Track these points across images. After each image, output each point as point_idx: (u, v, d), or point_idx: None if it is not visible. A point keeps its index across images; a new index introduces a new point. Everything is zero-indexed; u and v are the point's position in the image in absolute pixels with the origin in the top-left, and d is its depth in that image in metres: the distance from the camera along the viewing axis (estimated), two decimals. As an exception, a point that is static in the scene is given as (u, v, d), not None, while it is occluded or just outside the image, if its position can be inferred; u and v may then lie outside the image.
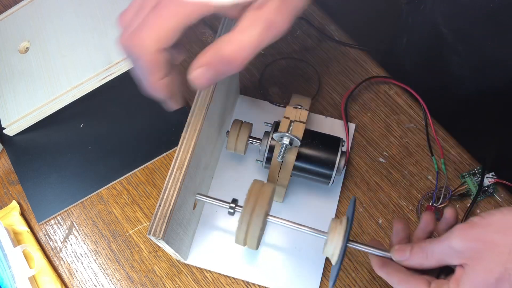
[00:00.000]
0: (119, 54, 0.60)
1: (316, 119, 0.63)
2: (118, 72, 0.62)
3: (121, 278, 0.56)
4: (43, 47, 0.65)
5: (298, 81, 0.66)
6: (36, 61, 0.64)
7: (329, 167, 0.53)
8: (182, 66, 0.42)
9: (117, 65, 0.61)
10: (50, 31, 0.65)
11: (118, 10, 0.63)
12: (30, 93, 0.63)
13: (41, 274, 0.55)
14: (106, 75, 0.61)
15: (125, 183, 0.61)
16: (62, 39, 0.64)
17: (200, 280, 0.56)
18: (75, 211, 0.60)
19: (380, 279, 0.55)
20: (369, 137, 0.62)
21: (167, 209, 0.44)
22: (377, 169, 0.60)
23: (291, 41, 0.69)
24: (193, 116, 0.47)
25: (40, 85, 0.63)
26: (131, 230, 0.59)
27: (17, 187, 0.61)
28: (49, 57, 0.64)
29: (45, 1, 0.67)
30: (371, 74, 0.66)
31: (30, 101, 0.62)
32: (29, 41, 0.65)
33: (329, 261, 0.46)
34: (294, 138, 0.51)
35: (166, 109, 0.41)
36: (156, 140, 0.62)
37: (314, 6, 0.71)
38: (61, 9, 0.66)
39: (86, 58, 0.62)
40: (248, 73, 0.67)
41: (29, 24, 0.67)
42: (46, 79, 0.63)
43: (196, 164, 0.48)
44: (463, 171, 0.60)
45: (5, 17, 0.69)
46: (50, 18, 0.66)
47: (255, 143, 0.55)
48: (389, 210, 0.58)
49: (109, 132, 0.62)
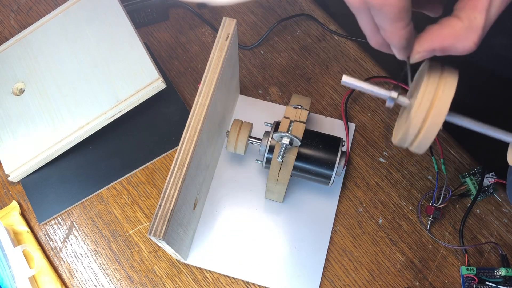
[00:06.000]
0: (127, 91, 0.58)
1: (316, 119, 0.63)
2: (127, 109, 0.59)
3: (121, 278, 0.56)
4: (40, 87, 0.61)
5: (298, 81, 0.66)
6: (33, 102, 0.61)
7: (329, 167, 0.53)
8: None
9: (125, 102, 0.58)
10: (44, 70, 0.62)
11: (117, 45, 0.61)
12: (32, 136, 0.60)
13: (41, 274, 0.55)
14: (115, 113, 0.58)
15: (125, 183, 0.61)
16: (59, 78, 0.61)
17: (200, 280, 0.56)
18: (75, 211, 0.60)
19: (380, 279, 0.55)
20: (369, 137, 0.62)
21: (167, 209, 0.44)
22: (377, 169, 0.60)
23: (291, 41, 0.69)
24: (194, 116, 0.47)
25: (42, 128, 0.60)
26: (131, 230, 0.59)
27: (17, 187, 0.61)
28: (48, 98, 0.61)
29: (34, 39, 0.64)
30: (371, 74, 0.66)
31: (33, 145, 0.60)
32: (23, 82, 0.62)
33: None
34: (294, 138, 0.51)
35: (398, 57, 0.38)
36: (156, 140, 0.62)
37: (314, 6, 0.71)
38: (54, 47, 0.63)
39: (91, 97, 0.60)
40: (248, 73, 0.67)
41: (20, 64, 0.63)
42: (49, 120, 0.60)
43: (197, 164, 0.48)
44: (463, 171, 0.60)
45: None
46: (43, 57, 0.63)
47: (255, 143, 0.55)
48: (389, 210, 0.58)
49: (110, 132, 0.62)
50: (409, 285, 0.55)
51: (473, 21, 0.33)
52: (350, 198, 0.59)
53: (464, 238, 0.57)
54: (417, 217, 0.58)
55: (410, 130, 0.35)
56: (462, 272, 0.54)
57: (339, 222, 0.58)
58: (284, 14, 0.70)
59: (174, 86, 0.65)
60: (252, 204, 0.59)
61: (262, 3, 0.72)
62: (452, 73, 0.35)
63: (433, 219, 0.57)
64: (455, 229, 0.57)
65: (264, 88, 0.66)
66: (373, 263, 0.56)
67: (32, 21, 0.71)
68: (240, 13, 0.71)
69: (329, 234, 0.57)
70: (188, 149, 0.46)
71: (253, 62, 0.68)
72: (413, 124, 0.35)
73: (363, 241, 0.57)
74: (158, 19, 0.70)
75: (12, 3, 0.73)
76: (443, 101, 0.34)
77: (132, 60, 0.60)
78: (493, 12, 0.33)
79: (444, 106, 0.34)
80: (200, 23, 0.70)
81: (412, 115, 0.35)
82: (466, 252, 0.55)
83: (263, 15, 0.71)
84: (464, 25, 0.33)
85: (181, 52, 0.69)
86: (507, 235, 0.57)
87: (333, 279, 0.55)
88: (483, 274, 0.54)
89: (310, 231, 0.57)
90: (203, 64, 0.68)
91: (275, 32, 0.69)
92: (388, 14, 0.33)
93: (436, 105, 0.34)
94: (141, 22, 0.69)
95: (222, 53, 0.49)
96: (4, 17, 0.72)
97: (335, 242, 0.57)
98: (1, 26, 0.71)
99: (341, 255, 0.57)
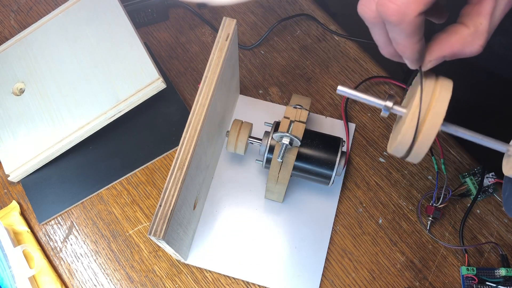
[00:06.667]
0: (127, 91, 0.58)
1: (316, 119, 0.63)
2: (127, 109, 0.59)
3: (121, 278, 0.56)
4: (40, 87, 0.61)
5: (298, 81, 0.66)
6: (33, 102, 0.61)
7: (329, 167, 0.53)
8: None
9: (125, 102, 0.58)
10: (44, 70, 0.62)
11: (117, 45, 0.61)
12: (32, 136, 0.60)
13: (41, 274, 0.55)
14: (115, 113, 0.58)
15: (125, 183, 0.61)
16: (59, 78, 0.61)
17: (200, 280, 0.56)
18: (75, 211, 0.60)
19: (380, 279, 0.55)
20: (369, 137, 0.62)
21: (167, 209, 0.44)
22: (377, 169, 0.60)
23: (291, 41, 0.69)
24: (194, 116, 0.47)
25: (42, 128, 0.60)
26: (131, 230, 0.59)
27: (17, 187, 0.61)
28: (48, 98, 0.61)
29: (34, 39, 0.64)
30: (371, 74, 0.66)
31: (33, 145, 0.60)
32: (23, 82, 0.62)
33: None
34: (294, 138, 0.51)
35: (411, 67, 0.38)
36: (156, 140, 0.62)
37: (314, 6, 0.71)
38: (54, 47, 0.63)
39: (91, 97, 0.59)
40: (248, 73, 0.67)
41: (20, 64, 0.63)
42: (49, 120, 0.60)
43: (197, 164, 0.48)
44: (463, 171, 0.60)
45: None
46: (43, 57, 0.63)
47: (255, 143, 0.55)
48: (389, 210, 0.58)
49: (110, 132, 0.62)
50: (409, 285, 0.55)
51: (479, 26, 0.34)
52: (350, 198, 0.59)
53: (464, 238, 0.57)
54: (417, 217, 0.58)
55: (404, 140, 0.35)
56: (462, 272, 0.54)
57: (339, 222, 0.58)
58: (284, 14, 0.70)
59: (174, 86, 0.65)
60: (252, 204, 0.59)
61: (262, 3, 0.72)
62: (447, 83, 0.36)
63: (433, 219, 0.57)
64: (455, 229, 0.57)
65: (264, 88, 0.66)
66: (373, 263, 0.56)
67: (32, 21, 0.71)
68: (240, 13, 0.71)
69: (329, 234, 0.57)
70: (188, 149, 0.46)
71: (253, 62, 0.68)
72: (408, 134, 0.35)
73: (363, 241, 0.57)
74: (158, 19, 0.70)
75: (12, 3, 0.73)
76: (437, 111, 0.34)
77: (132, 60, 0.60)
78: (497, 16, 0.34)
79: (439, 116, 0.34)
80: (200, 23, 0.70)
81: (406, 125, 0.35)
82: (466, 252, 0.55)
83: (263, 15, 0.71)
84: (471, 31, 0.34)
85: (181, 52, 0.69)
86: (507, 235, 0.57)
87: (333, 279, 0.55)
88: (483, 274, 0.54)
89: (310, 231, 0.57)
90: (203, 64, 0.68)
91: (275, 32, 0.69)
92: (405, 30, 0.34)
93: (431, 116, 0.34)
94: (141, 22, 0.69)
95: (222, 53, 0.49)
96: (4, 17, 0.72)
97: (335, 242, 0.57)
98: (1, 26, 0.71)
99: (341, 255, 0.57)
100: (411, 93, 0.39)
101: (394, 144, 0.37)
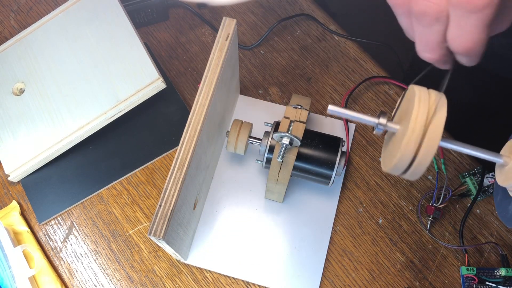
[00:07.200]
0: (127, 91, 0.58)
1: (316, 119, 0.63)
2: (127, 109, 0.59)
3: (121, 278, 0.56)
4: (40, 87, 0.61)
5: (298, 81, 0.66)
6: (34, 102, 0.61)
7: (329, 167, 0.53)
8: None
9: (125, 102, 0.58)
10: (44, 70, 0.62)
11: (117, 45, 0.60)
12: (32, 136, 0.60)
13: (41, 274, 0.55)
14: (115, 113, 0.58)
15: (125, 183, 0.61)
16: (59, 78, 0.61)
17: (200, 280, 0.56)
18: (75, 211, 0.60)
19: (380, 279, 0.55)
20: (369, 137, 0.62)
21: (167, 209, 0.44)
22: (377, 169, 0.60)
23: (291, 41, 0.69)
24: (194, 116, 0.47)
25: (42, 128, 0.60)
26: (131, 230, 0.59)
27: (17, 187, 0.61)
28: (48, 98, 0.60)
29: (34, 39, 0.64)
30: (371, 74, 0.66)
31: (33, 145, 0.60)
32: (23, 82, 0.62)
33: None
34: (294, 138, 0.51)
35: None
36: (156, 140, 0.62)
37: (314, 6, 0.71)
38: (54, 47, 0.63)
39: (91, 97, 0.59)
40: (248, 73, 0.67)
41: (20, 64, 0.63)
42: (49, 120, 0.60)
43: (197, 164, 0.48)
44: (463, 171, 0.60)
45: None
46: (43, 57, 0.62)
47: (255, 143, 0.55)
48: (389, 210, 0.58)
49: (110, 132, 0.62)
50: (409, 285, 0.55)
51: None
52: (350, 198, 0.59)
53: (464, 238, 0.57)
54: (417, 217, 0.58)
55: (404, 158, 0.34)
56: (462, 272, 0.54)
57: (339, 222, 0.58)
58: (284, 14, 0.70)
59: (174, 86, 0.65)
60: (252, 204, 0.59)
61: (262, 3, 0.72)
62: (441, 97, 0.34)
63: (433, 219, 0.57)
64: (455, 229, 0.57)
65: (264, 88, 0.66)
66: (373, 263, 0.56)
67: (32, 21, 0.71)
68: (240, 13, 0.71)
69: (329, 234, 0.57)
70: (188, 149, 0.46)
71: (253, 62, 0.68)
72: (408, 152, 0.33)
73: (363, 241, 0.57)
74: (158, 19, 0.70)
75: (12, 3, 0.73)
76: (436, 126, 0.33)
77: (132, 60, 0.60)
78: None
79: (437, 132, 0.33)
80: (200, 23, 0.70)
81: (405, 142, 0.33)
82: (466, 252, 0.55)
83: (263, 15, 0.71)
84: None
85: (181, 52, 0.69)
86: (507, 235, 0.57)
87: (333, 279, 0.55)
88: (483, 274, 0.54)
89: (310, 231, 0.57)
90: (203, 64, 0.68)
91: (275, 32, 0.69)
92: (485, 18, 0.30)
93: (430, 132, 0.33)
94: (141, 22, 0.69)
95: (222, 53, 0.49)
96: (4, 17, 0.72)
97: (335, 242, 0.57)
98: (1, 26, 0.71)
99: (341, 255, 0.57)
100: (404, 108, 0.37)
101: (394, 162, 0.35)
